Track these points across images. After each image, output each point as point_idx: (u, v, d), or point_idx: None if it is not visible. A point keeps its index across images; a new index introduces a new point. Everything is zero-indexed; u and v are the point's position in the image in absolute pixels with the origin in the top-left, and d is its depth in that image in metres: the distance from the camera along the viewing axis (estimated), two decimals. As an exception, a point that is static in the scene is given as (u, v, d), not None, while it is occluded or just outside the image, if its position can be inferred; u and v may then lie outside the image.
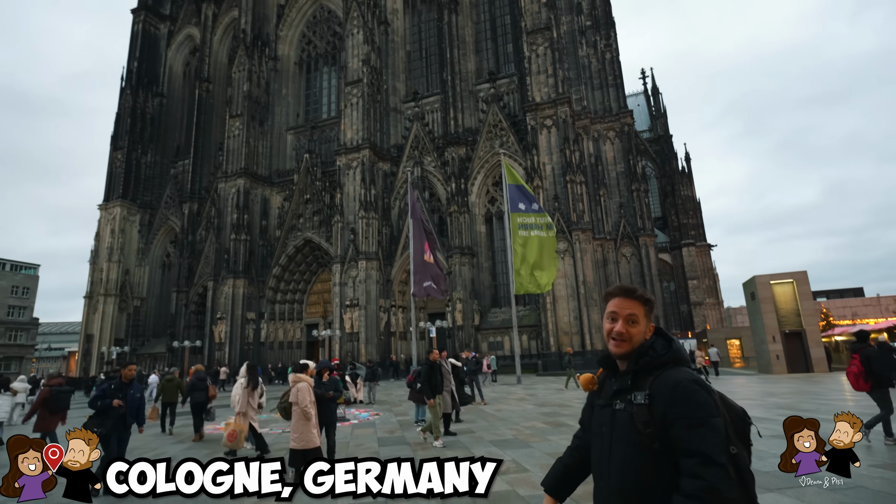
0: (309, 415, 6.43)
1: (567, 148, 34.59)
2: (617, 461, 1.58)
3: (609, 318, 1.74)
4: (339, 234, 41.00)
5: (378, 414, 14.35)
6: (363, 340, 38.13)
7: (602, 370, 1.82)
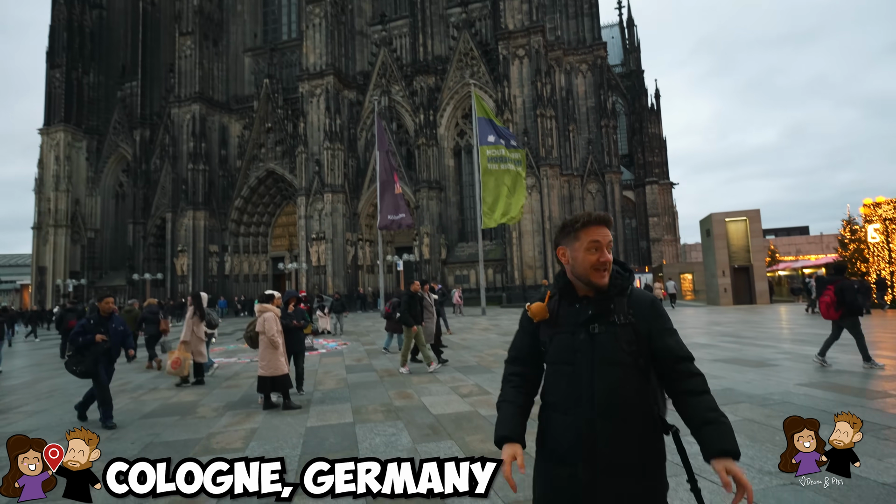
0: (276, 343, 6.56)
1: (539, 80, 33.79)
2: (604, 384, 1.58)
3: (591, 249, 1.66)
4: (303, 166, 39.74)
5: (346, 344, 14.71)
6: (330, 273, 38.20)
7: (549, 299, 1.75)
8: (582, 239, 1.68)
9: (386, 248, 39.10)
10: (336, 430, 5.48)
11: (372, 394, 7.39)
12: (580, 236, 1.68)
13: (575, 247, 1.69)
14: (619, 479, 1.56)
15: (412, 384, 7.95)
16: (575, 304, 1.69)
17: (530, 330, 1.75)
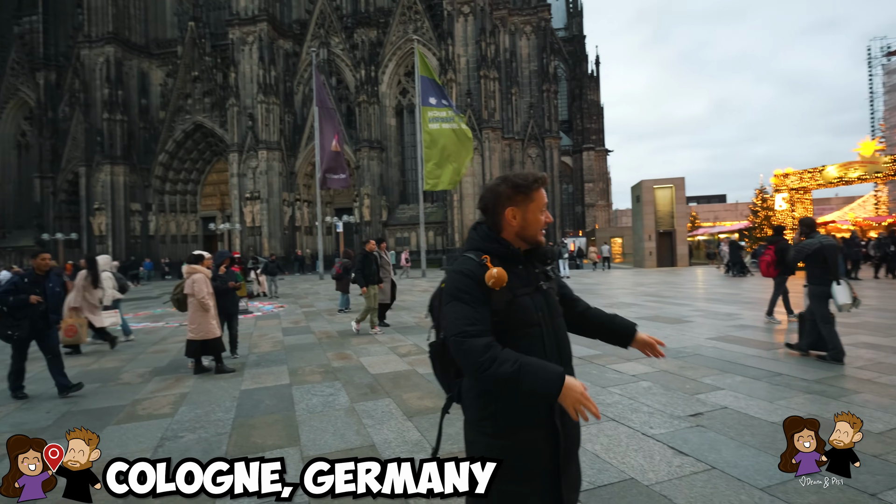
0: (207, 306, 6.31)
1: (483, 40, 33.28)
2: (562, 335, 1.71)
3: (542, 209, 1.69)
4: (235, 120, 37.36)
5: (283, 306, 14.40)
6: (266, 235, 36.85)
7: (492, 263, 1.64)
8: (537, 200, 1.67)
9: (325, 209, 38.07)
10: (272, 392, 5.42)
11: (309, 356, 7.34)
12: (534, 196, 1.66)
13: (530, 208, 1.66)
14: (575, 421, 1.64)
15: (351, 345, 7.96)
16: (518, 266, 1.65)
17: (484, 298, 1.56)
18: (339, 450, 3.73)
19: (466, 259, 1.64)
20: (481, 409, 1.59)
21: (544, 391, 1.45)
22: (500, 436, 1.56)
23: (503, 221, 1.67)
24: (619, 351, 6.69)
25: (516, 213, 1.66)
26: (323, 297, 16.66)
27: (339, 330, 9.59)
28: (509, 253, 1.64)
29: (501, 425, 1.56)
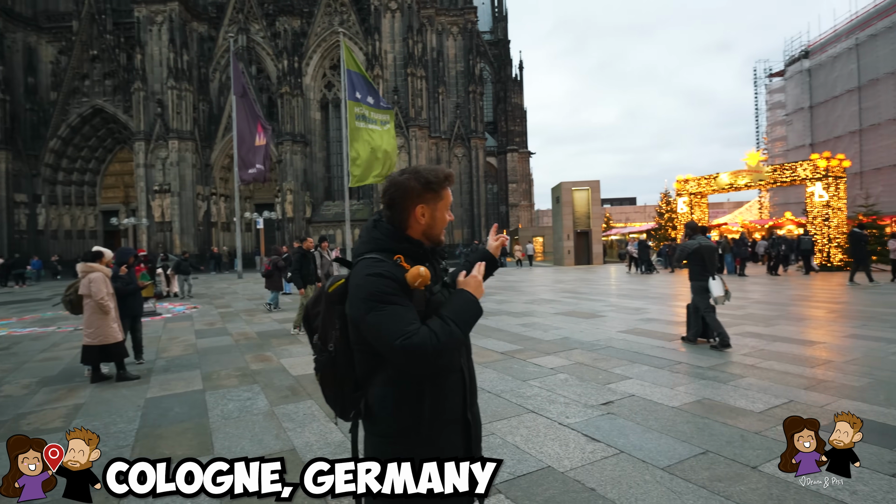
0: (107, 308, 5.76)
1: (411, 38, 33.23)
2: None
3: (448, 208, 1.65)
4: (141, 105, 34.45)
5: (196, 307, 13.52)
6: (177, 230, 34.39)
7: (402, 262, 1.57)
8: (445, 198, 1.62)
9: (244, 205, 36.16)
10: (182, 399, 5.08)
11: (225, 359, 6.95)
12: (444, 195, 1.62)
13: (439, 206, 1.61)
14: (475, 409, 1.66)
15: (271, 346, 7.65)
16: (425, 262, 1.58)
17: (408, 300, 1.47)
18: (257, 456, 3.57)
19: (376, 261, 1.50)
20: (404, 417, 1.50)
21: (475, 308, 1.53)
22: (424, 441, 1.50)
23: (411, 219, 1.59)
24: (539, 346, 6.98)
25: (425, 210, 1.59)
26: (241, 297, 15.84)
27: (258, 331, 9.17)
28: (421, 253, 1.58)
29: (428, 429, 1.51)
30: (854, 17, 33.97)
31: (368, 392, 1.53)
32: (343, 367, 1.54)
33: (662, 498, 2.78)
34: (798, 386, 4.76)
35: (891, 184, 30.60)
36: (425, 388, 1.51)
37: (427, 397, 1.51)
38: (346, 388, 1.55)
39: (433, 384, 1.52)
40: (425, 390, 1.51)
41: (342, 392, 1.56)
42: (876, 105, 31.80)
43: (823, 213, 18.81)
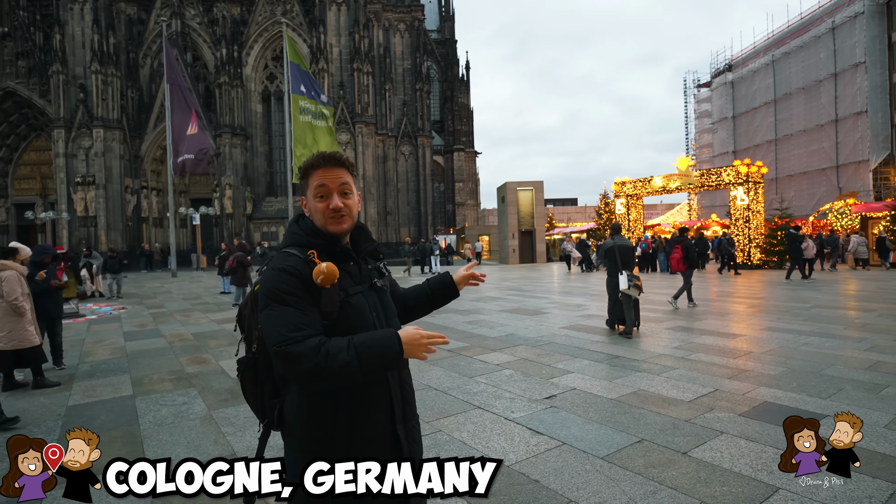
0: (21, 309, 5.27)
1: (357, 32, 32.69)
2: None
3: (317, 196, 1.46)
4: (60, 90, 31.79)
5: (125, 308, 12.68)
6: (103, 226, 32.06)
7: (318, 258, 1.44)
8: (311, 185, 1.48)
9: (179, 199, 34.28)
10: (109, 406, 4.75)
11: (158, 362, 6.57)
12: (309, 182, 1.48)
13: (308, 195, 1.49)
14: (411, 423, 1.55)
15: (209, 348, 7.30)
16: (349, 261, 1.49)
17: (312, 300, 1.37)
18: (194, 463, 3.41)
19: (288, 255, 1.42)
20: (316, 430, 1.40)
21: (390, 357, 1.34)
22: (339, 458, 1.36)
23: (304, 211, 1.52)
24: (484, 342, 7.09)
25: (305, 201, 1.51)
26: (176, 297, 15.01)
27: (195, 332, 8.73)
28: (338, 249, 1.47)
29: (344, 445, 1.39)
30: (771, 36, 36.86)
31: (285, 399, 1.45)
32: (263, 370, 1.47)
33: (602, 486, 2.91)
34: (722, 376, 5.12)
35: (801, 189, 33.53)
36: (340, 400, 1.39)
37: (342, 411, 1.39)
38: (265, 392, 1.49)
39: (350, 396, 1.40)
40: (340, 402, 1.39)
41: (262, 396, 1.51)
42: (789, 117, 34.69)
43: (745, 216, 20.30)
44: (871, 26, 29.42)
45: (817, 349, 6.16)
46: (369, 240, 1.59)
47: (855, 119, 30.15)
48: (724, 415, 4.00)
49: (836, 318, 8.36)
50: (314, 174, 1.48)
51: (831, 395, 4.38)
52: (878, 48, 29.79)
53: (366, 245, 1.57)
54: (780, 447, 3.34)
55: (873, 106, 29.61)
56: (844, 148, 30.74)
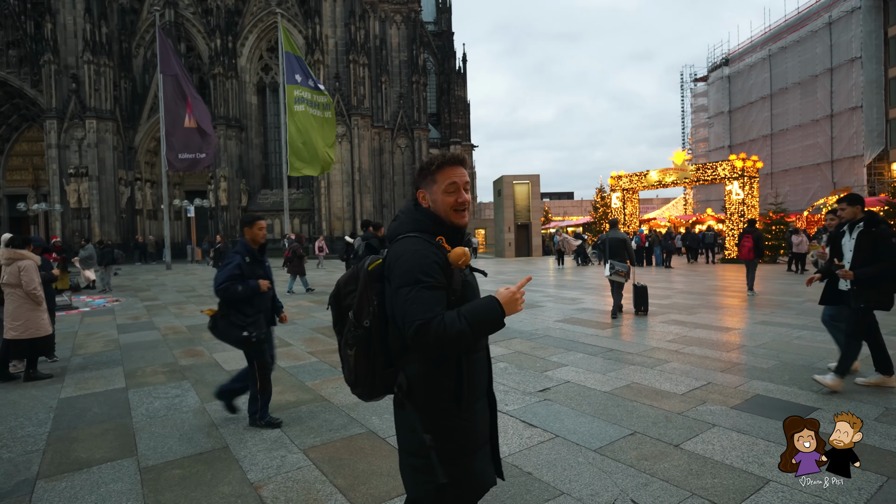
0: (39, 298, 5.45)
1: (353, 23, 32.42)
2: None
3: (447, 191, 1.65)
4: (52, 80, 31.45)
5: (118, 300, 12.62)
6: (97, 218, 31.85)
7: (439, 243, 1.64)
8: (439, 181, 1.66)
9: (173, 191, 34.07)
10: (102, 399, 4.73)
11: (152, 354, 6.54)
12: (437, 178, 1.66)
13: (433, 189, 1.67)
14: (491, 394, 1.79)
15: (203, 341, 7.28)
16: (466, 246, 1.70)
17: (444, 282, 1.55)
18: (187, 455, 3.40)
19: (420, 240, 1.58)
20: (444, 393, 1.58)
21: (496, 318, 1.50)
22: (461, 415, 1.59)
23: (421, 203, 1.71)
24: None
25: (425, 194, 1.70)
26: (170, 290, 14.95)
27: (189, 325, 8.70)
28: (456, 235, 1.68)
29: (467, 404, 1.61)
30: (767, 30, 36.82)
31: (406, 369, 1.59)
32: (377, 343, 1.59)
33: (594, 478, 2.93)
34: (715, 369, 5.14)
35: (796, 184, 33.65)
36: (463, 365, 1.59)
37: (465, 374, 1.60)
38: (377, 364, 1.60)
39: (469, 361, 1.61)
40: (463, 367, 1.59)
41: (374, 368, 1.61)
42: (785, 112, 34.73)
43: (739, 210, 20.37)
44: (867, 21, 29.43)
45: (809, 343, 6.20)
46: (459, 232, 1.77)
47: (850, 114, 30.23)
48: (717, 408, 4.03)
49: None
50: (444, 171, 1.66)
51: (822, 389, 4.41)
52: (874, 43, 29.83)
53: (465, 234, 1.76)
54: (771, 440, 3.37)
55: (868, 101, 29.69)
56: (839, 143, 30.84)
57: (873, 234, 4.29)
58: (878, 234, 4.28)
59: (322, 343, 6.92)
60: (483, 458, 1.67)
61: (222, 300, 3.80)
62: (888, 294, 4.30)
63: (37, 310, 5.46)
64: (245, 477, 3.06)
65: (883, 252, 4.20)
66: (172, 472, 3.16)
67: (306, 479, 3.01)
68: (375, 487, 2.88)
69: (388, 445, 3.46)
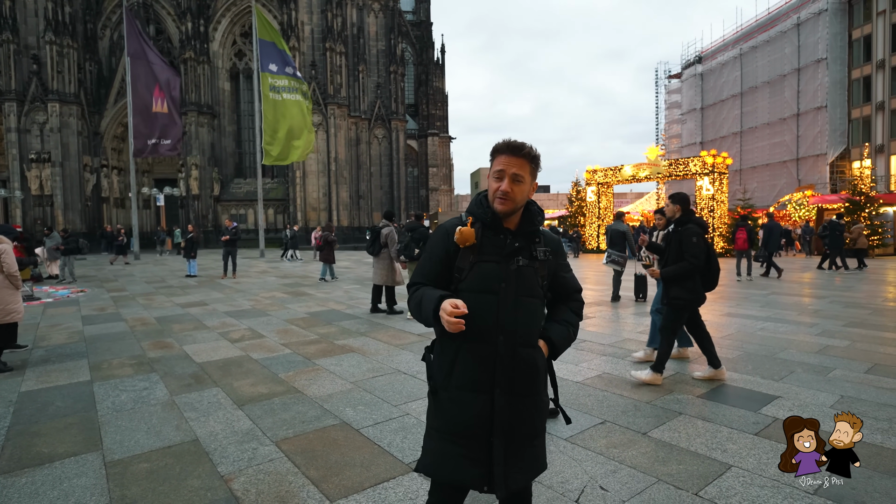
0: (19, 283, 5.56)
1: (329, 10, 31.86)
2: (525, 314, 1.66)
3: (495, 176, 1.66)
4: (11, 61, 30.06)
5: (83, 291, 12.22)
6: (60, 205, 30.71)
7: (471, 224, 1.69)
8: (493, 165, 1.68)
9: (142, 179, 33.11)
10: (65, 392, 4.58)
11: (118, 346, 6.37)
12: (492, 163, 1.68)
13: (489, 172, 1.70)
14: (530, 402, 1.68)
15: (172, 332, 7.11)
16: (500, 235, 1.67)
17: (444, 255, 1.69)
18: (155, 449, 3.33)
19: (454, 219, 1.73)
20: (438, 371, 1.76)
21: (427, 312, 1.63)
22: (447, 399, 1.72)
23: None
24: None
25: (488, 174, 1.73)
26: (139, 280, 14.54)
27: (158, 316, 8.49)
28: (488, 218, 1.67)
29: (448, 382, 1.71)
30: (739, 30, 37.65)
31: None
32: None
33: (564, 465, 2.98)
34: (683, 359, 5.29)
35: (763, 181, 34.69)
36: (459, 350, 1.66)
37: (453, 357, 1.67)
38: None
39: (453, 346, 1.67)
40: (457, 352, 1.66)
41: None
42: (754, 110, 35.68)
43: (710, 205, 20.89)
44: (833, 23, 30.38)
45: (772, 334, 6.43)
46: (530, 222, 1.72)
47: (815, 114, 31.24)
48: (684, 396, 4.15)
49: (790, 305, 8.74)
50: (498, 158, 1.67)
51: (783, 378, 4.58)
52: (838, 45, 30.83)
53: (526, 226, 1.72)
54: (734, 427, 3.49)
55: (832, 101, 30.72)
56: (804, 141, 31.88)
57: (679, 234, 4.46)
58: (683, 232, 4.44)
59: (295, 335, 6.85)
60: (459, 449, 1.64)
61: None
62: (694, 292, 4.44)
63: (16, 294, 5.55)
64: (215, 470, 3.01)
65: (686, 250, 4.37)
66: (139, 465, 3.09)
67: (278, 472, 2.98)
68: (348, 478, 2.88)
69: (362, 437, 3.45)
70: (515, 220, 1.71)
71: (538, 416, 1.71)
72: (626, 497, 2.63)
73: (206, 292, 11.46)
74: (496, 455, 1.61)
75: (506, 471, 1.62)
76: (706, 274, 4.48)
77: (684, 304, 4.44)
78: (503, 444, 1.62)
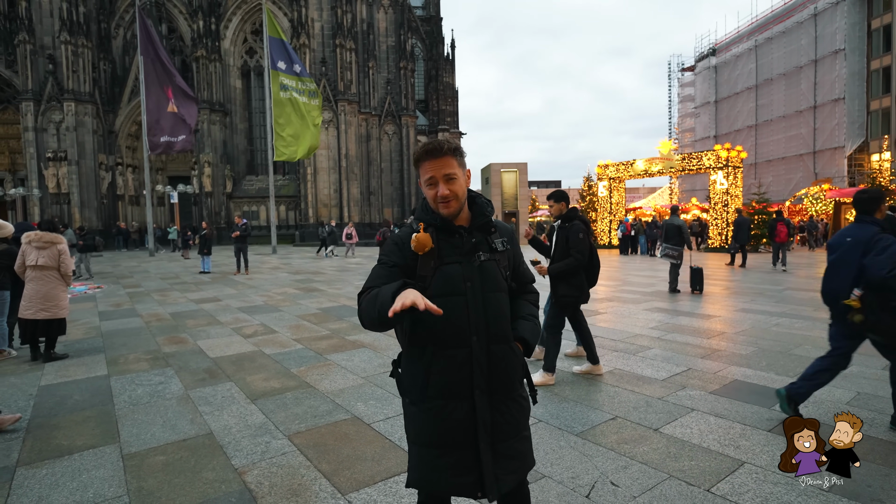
0: (70, 280, 5.94)
1: (339, 7, 31.88)
2: (494, 309, 1.63)
3: (427, 185, 1.63)
4: (28, 61, 30.51)
5: (100, 287, 12.43)
6: (77, 203, 31.20)
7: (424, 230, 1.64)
8: (421, 174, 1.65)
9: (156, 177, 33.53)
10: (83, 386, 4.68)
11: (134, 342, 6.47)
12: (420, 171, 1.66)
13: (420, 182, 1.68)
14: (510, 400, 1.64)
15: (187, 328, 7.22)
16: (455, 235, 1.64)
17: (399, 262, 1.61)
18: (170, 442, 3.39)
19: (406, 227, 1.69)
20: (410, 381, 1.70)
21: (380, 306, 1.45)
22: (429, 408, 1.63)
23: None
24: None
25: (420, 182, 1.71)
26: (154, 276, 14.75)
27: (172, 312, 8.62)
28: (439, 221, 1.64)
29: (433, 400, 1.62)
30: (754, 21, 36.97)
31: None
32: None
33: (575, 461, 2.98)
34: (696, 355, 5.24)
35: (779, 175, 34.12)
36: (431, 358, 1.60)
37: (427, 366, 1.60)
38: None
39: (425, 354, 1.61)
40: (430, 361, 1.60)
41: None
42: (770, 103, 35.06)
43: (723, 200, 20.62)
44: (851, 13, 29.71)
45: (787, 330, 6.35)
46: (481, 215, 1.69)
47: (833, 106, 30.63)
48: (696, 392, 4.12)
49: (806, 301, 8.61)
50: (423, 166, 1.64)
51: (798, 374, 4.53)
52: (857, 35, 30.15)
53: (478, 219, 1.69)
54: (747, 423, 3.46)
55: (851, 93, 30.09)
56: (821, 134, 31.28)
57: (566, 230, 4.46)
58: (569, 229, 4.43)
59: (308, 330, 6.91)
60: (446, 459, 1.58)
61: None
62: (579, 288, 4.44)
63: (65, 291, 5.85)
64: (229, 463, 3.06)
65: (572, 246, 4.37)
66: (156, 458, 3.15)
67: (291, 465, 3.02)
68: (360, 472, 2.90)
69: (373, 431, 3.48)
70: (466, 216, 1.68)
71: (521, 413, 1.67)
72: (638, 493, 2.62)
73: (220, 288, 11.59)
74: (484, 459, 1.56)
75: (496, 474, 1.58)
76: (588, 270, 4.50)
77: (573, 301, 4.47)
78: (490, 447, 1.58)
